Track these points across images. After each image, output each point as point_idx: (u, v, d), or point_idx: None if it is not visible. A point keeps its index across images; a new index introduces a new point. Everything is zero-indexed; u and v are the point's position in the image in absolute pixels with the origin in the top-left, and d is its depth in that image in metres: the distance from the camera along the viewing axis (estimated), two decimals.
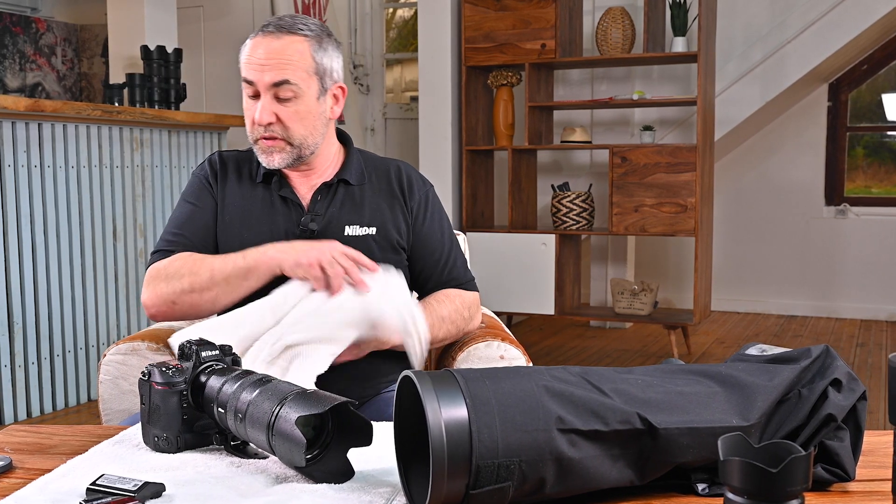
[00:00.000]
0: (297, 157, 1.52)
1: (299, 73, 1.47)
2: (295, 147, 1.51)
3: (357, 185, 1.60)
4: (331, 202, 1.57)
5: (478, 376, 0.89)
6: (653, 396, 0.92)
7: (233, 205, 1.57)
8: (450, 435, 0.83)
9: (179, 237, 1.55)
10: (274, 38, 1.48)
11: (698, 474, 0.94)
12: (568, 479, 0.88)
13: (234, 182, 1.60)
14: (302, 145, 1.51)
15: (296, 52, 1.47)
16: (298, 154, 1.52)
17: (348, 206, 1.57)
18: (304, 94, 1.48)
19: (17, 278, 3.39)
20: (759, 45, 5.14)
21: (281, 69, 1.46)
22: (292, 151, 1.51)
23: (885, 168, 5.70)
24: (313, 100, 1.50)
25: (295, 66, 1.47)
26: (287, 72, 1.46)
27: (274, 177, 1.58)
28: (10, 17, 6.03)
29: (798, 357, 0.99)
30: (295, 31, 1.49)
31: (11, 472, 1.05)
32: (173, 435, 1.09)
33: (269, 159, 1.51)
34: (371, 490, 0.95)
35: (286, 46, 1.47)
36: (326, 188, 1.58)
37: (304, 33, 1.49)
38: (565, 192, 4.72)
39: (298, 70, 1.47)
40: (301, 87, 1.48)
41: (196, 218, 1.57)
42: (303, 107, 1.49)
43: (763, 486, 0.69)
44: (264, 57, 1.47)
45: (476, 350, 1.57)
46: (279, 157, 1.51)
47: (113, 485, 0.93)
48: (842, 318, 5.53)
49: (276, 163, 1.51)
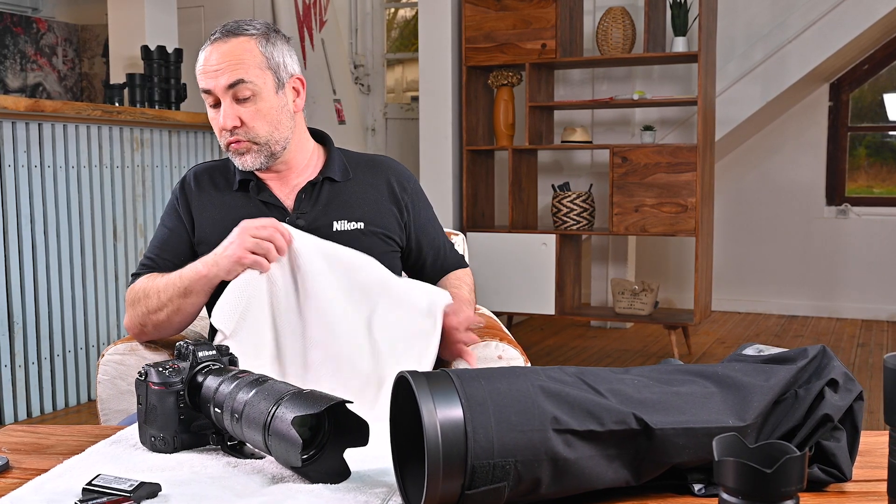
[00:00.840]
0: (268, 154, 1.53)
1: (252, 70, 1.48)
2: (262, 145, 1.51)
3: (342, 181, 1.61)
4: (316, 200, 1.58)
5: (473, 376, 0.89)
6: (649, 397, 0.92)
7: (211, 218, 1.58)
8: (445, 435, 0.83)
9: (151, 260, 1.60)
10: (222, 43, 1.49)
11: (694, 475, 0.94)
12: (563, 479, 0.88)
13: (211, 195, 1.61)
14: (269, 142, 1.52)
15: (244, 51, 1.49)
16: (269, 151, 1.53)
17: (335, 202, 1.59)
18: (261, 90, 1.49)
19: (17, 278, 3.39)
20: (760, 44, 5.14)
21: (233, 70, 1.47)
22: (261, 150, 1.52)
23: (887, 168, 5.69)
24: (272, 95, 1.51)
25: (246, 65, 1.48)
26: (239, 71, 1.47)
27: (251, 182, 1.58)
28: (11, 18, 6.03)
29: (795, 357, 0.99)
30: (240, 33, 1.50)
31: (8, 472, 1.05)
32: (170, 435, 1.09)
33: (241, 161, 1.53)
34: (367, 490, 0.95)
35: (234, 48, 1.49)
36: (311, 186, 1.59)
37: (249, 33, 1.51)
38: (566, 192, 4.72)
39: (251, 67, 1.48)
40: (257, 84, 1.49)
41: (168, 240, 1.61)
42: (263, 104, 1.50)
43: (757, 486, 0.69)
44: (215, 62, 1.48)
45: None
46: (250, 157, 1.52)
47: (109, 485, 0.93)
48: (843, 318, 5.52)
49: (248, 164, 1.52)
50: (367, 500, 0.92)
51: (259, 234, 1.40)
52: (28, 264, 3.43)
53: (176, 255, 1.59)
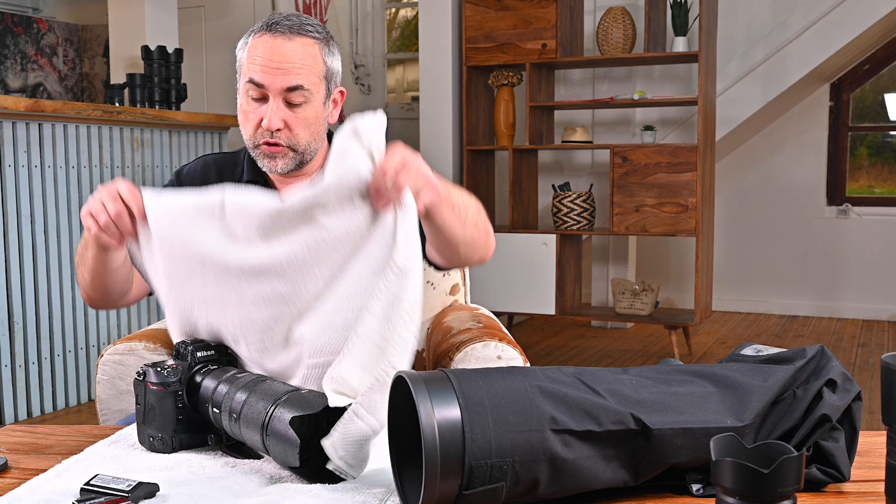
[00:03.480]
0: (299, 162, 1.47)
1: (311, 78, 1.41)
2: (298, 153, 1.45)
3: None
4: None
5: (471, 376, 0.89)
6: (647, 397, 0.92)
7: None
8: (443, 435, 0.83)
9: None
10: (285, 40, 1.40)
11: (692, 475, 0.94)
12: (561, 479, 0.88)
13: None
14: (305, 151, 1.46)
15: (308, 56, 1.41)
16: (301, 160, 1.47)
17: None
18: (313, 99, 1.43)
19: (18, 278, 3.39)
20: (761, 44, 5.14)
21: (295, 73, 1.39)
22: (295, 157, 1.45)
23: (888, 168, 5.69)
24: (320, 105, 1.45)
25: (308, 71, 1.41)
26: (301, 76, 1.40)
27: (258, 184, 1.52)
28: (12, 18, 6.04)
29: (793, 357, 0.99)
30: (305, 33, 1.42)
31: (7, 472, 1.05)
32: (168, 435, 1.09)
33: (271, 164, 1.45)
34: (365, 490, 0.95)
35: (298, 49, 1.40)
36: None
37: (313, 35, 1.43)
38: (566, 192, 4.72)
39: (311, 75, 1.41)
40: (312, 93, 1.42)
41: None
42: (311, 112, 1.44)
43: (755, 486, 0.69)
44: (277, 59, 1.39)
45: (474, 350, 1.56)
46: (282, 162, 1.45)
47: (107, 485, 0.93)
48: (843, 318, 5.52)
49: (278, 168, 1.45)
50: (365, 501, 0.92)
51: (109, 205, 1.21)
52: (28, 264, 3.43)
53: None
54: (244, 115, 1.45)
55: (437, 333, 1.77)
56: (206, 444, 1.11)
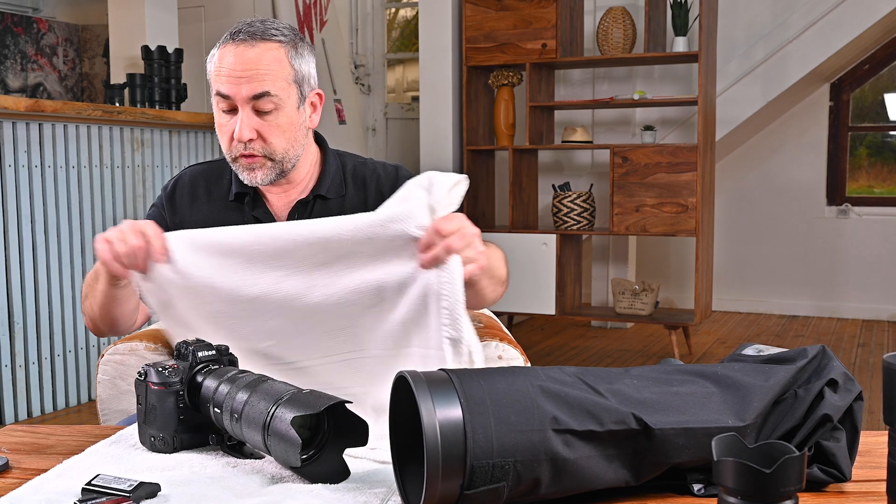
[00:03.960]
0: (279, 171, 1.42)
1: (279, 83, 1.37)
2: (277, 162, 1.40)
3: (335, 198, 1.49)
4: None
5: (472, 376, 0.89)
6: (648, 397, 0.92)
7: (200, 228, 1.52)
8: (444, 435, 0.83)
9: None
10: (248, 47, 1.36)
11: (694, 475, 0.94)
12: (563, 479, 0.88)
13: (202, 206, 1.50)
14: (284, 159, 1.41)
15: (273, 61, 1.37)
16: (281, 169, 1.42)
17: None
18: (284, 104, 1.38)
19: (18, 278, 3.39)
20: (761, 44, 5.14)
21: (260, 80, 1.35)
22: (274, 167, 1.41)
23: (887, 168, 5.69)
24: (294, 110, 1.40)
25: (274, 76, 1.36)
26: (266, 83, 1.35)
27: (247, 196, 1.48)
28: (12, 18, 6.04)
29: (794, 357, 0.99)
30: (269, 38, 1.37)
31: (8, 472, 1.05)
32: (169, 435, 1.09)
33: (251, 176, 1.41)
34: (366, 490, 0.95)
35: (262, 55, 1.36)
36: (302, 206, 1.48)
37: (278, 39, 1.38)
38: (566, 192, 4.72)
39: (278, 80, 1.37)
40: (281, 98, 1.37)
41: None
42: (284, 119, 1.39)
43: (756, 486, 0.69)
44: (240, 68, 1.35)
45: None
46: (261, 173, 1.41)
47: (108, 485, 0.93)
48: (843, 318, 5.52)
49: (258, 180, 1.41)
50: (367, 501, 0.92)
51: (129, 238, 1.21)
52: (28, 264, 3.43)
53: None
54: (219, 128, 1.43)
55: None
56: (208, 444, 1.11)
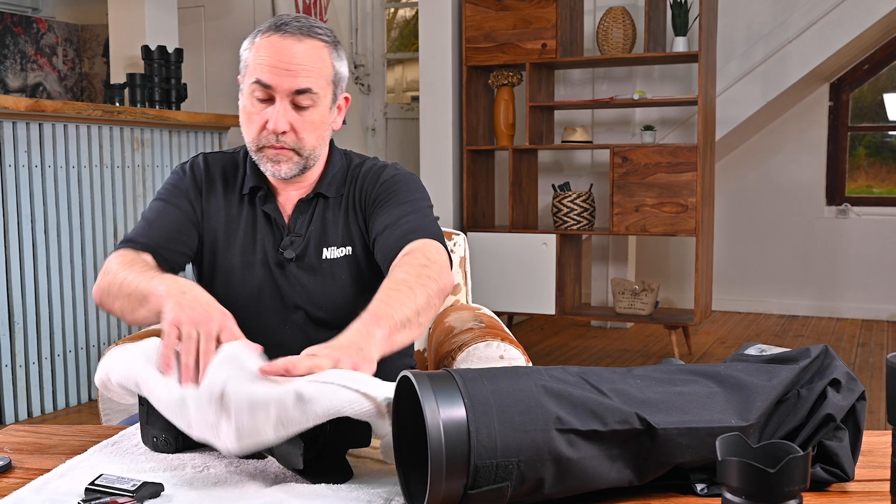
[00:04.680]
0: (303, 167, 1.43)
1: (320, 82, 1.39)
2: (303, 158, 1.41)
3: (335, 197, 1.49)
4: (310, 221, 1.47)
5: (476, 376, 0.89)
6: (651, 396, 0.92)
7: (216, 220, 1.49)
8: (448, 435, 0.83)
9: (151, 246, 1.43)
10: (295, 41, 1.37)
11: (697, 474, 0.94)
12: (566, 479, 0.88)
13: (219, 193, 1.50)
14: (310, 156, 1.42)
15: (318, 59, 1.39)
16: (305, 164, 1.43)
17: (326, 224, 1.48)
18: (320, 102, 1.40)
19: (18, 278, 3.39)
20: (761, 44, 5.14)
21: (305, 75, 1.37)
22: (300, 162, 1.42)
23: (886, 168, 5.69)
24: (327, 109, 1.42)
25: (317, 74, 1.38)
26: (311, 79, 1.37)
27: (260, 191, 1.48)
28: (12, 18, 6.03)
29: (797, 357, 0.99)
30: (315, 35, 1.39)
31: (11, 472, 1.05)
32: (172, 435, 1.09)
33: (276, 168, 1.41)
34: (369, 490, 0.95)
35: (309, 51, 1.38)
36: (305, 204, 1.48)
37: (323, 38, 1.40)
38: (566, 191, 4.72)
39: (320, 78, 1.39)
40: (320, 96, 1.39)
41: (180, 224, 1.46)
42: (317, 116, 1.40)
43: (761, 486, 0.69)
44: (287, 61, 1.36)
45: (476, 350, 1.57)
46: (286, 166, 1.41)
47: (111, 485, 0.93)
48: (843, 318, 5.52)
49: (283, 172, 1.41)
50: (370, 501, 0.92)
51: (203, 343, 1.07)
52: (28, 264, 3.43)
53: (184, 244, 1.46)
54: (248, 116, 1.42)
55: (438, 333, 1.77)
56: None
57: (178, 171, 1.52)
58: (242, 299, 1.46)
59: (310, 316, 1.48)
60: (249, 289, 1.47)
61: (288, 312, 1.48)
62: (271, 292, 1.47)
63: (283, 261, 1.47)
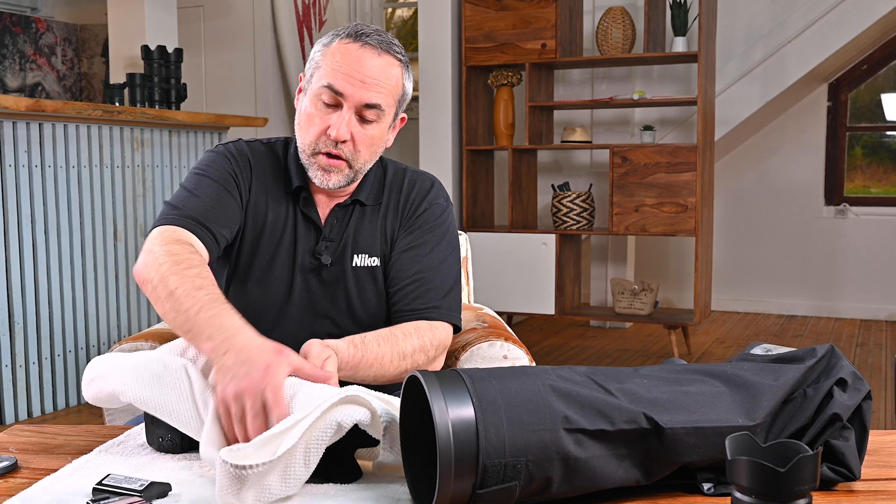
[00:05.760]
0: (351, 179, 1.41)
1: (389, 100, 1.38)
2: (353, 170, 1.40)
3: (372, 205, 1.48)
4: (346, 227, 1.45)
5: (484, 376, 0.89)
6: (659, 396, 0.92)
7: (261, 211, 1.45)
8: (457, 435, 0.83)
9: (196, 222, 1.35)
10: (375, 54, 1.36)
11: (704, 474, 0.94)
12: (574, 478, 0.88)
13: (266, 184, 1.46)
14: (360, 169, 1.41)
15: (392, 77, 1.38)
16: (353, 177, 1.41)
17: (360, 231, 1.46)
18: (384, 119, 1.39)
19: (18, 278, 3.39)
20: (760, 44, 5.15)
21: (378, 91, 1.36)
22: (350, 174, 1.39)
23: (883, 168, 5.70)
24: (387, 127, 1.41)
25: (388, 92, 1.37)
26: (382, 96, 1.36)
27: (303, 192, 1.45)
28: (10, 17, 6.03)
29: (803, 357, 0.99)
30: (392, 52, 1.38)
31: (17, 471, 1.05)
32: (177, 435, 1.09)
33: (325, 178, 1.38)
34: (378, 491, 0.95)
35: (386, 68, 1.37)
36: (342, 210, 1.46)
37: (398, 57, 1.39)
38: (566, 191, 4.73)
39: (390, 96, 1.38)
40: (385, 113, 1.38)
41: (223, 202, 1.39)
42: (378, 132, 1.39)
43: (771, 485, 0.70)
44: (363, 73, 1.35)
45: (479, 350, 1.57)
46: (336, 178, 1.38)
47: (119, 484, 0.93)
48: (842, 317, 5.53)
49: (331, 183, 1.39)
50: (378, 501, 0.92)
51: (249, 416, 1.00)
52: (28, 264, 3.43)
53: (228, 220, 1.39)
54: (308, 118, 1.38)
55: None
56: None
57: (219, 150, 1.46)
58: (276, 300, 1.44)
59: (336, 323, 1.45)
60: (283, 289, 1.44)
61: (315, 318, 1.45)
62: (302, 296, 1.45)
63: (318, 266, 1.44)
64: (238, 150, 1.46)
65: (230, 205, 1.40)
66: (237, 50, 5.88)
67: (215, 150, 1.47)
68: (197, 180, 1.41)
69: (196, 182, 1.41)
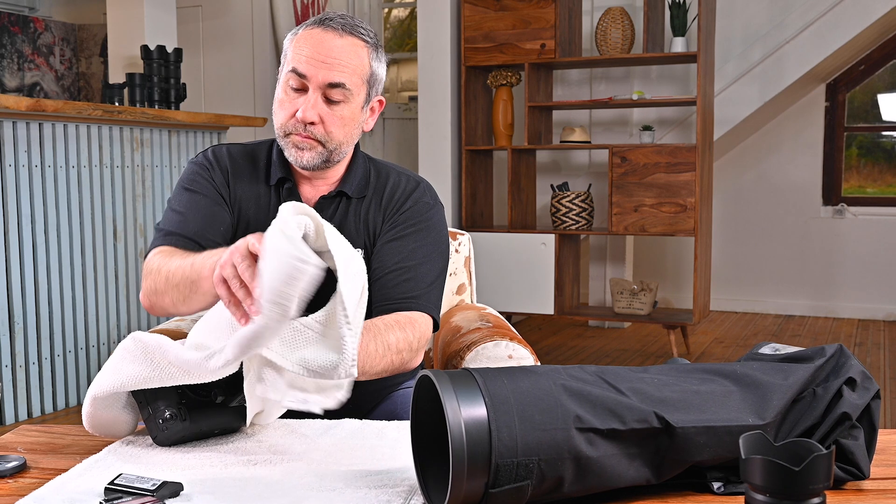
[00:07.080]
0: (326, 158, 1.45)
1: (354, 79, 1.42)
2: (327, 150, 1.44)
3: (357, 198, 1.51)
4: (330, 218, 1.48)
5: (496, 375, 0.89)
6: (669, 395, 0.93)
7: (247, 206, 1.50)
8: (469, 434, 0.83)
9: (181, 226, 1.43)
10: (336, 36, 1.41)
11: (714, 473, 0.94)
12: (586, 477, 0.88)
13: (247, 180, 1.51)
14: (335, 150, 1.45)
15: (356, 56, 1.42)
16: (328, 157, 1.45)
17: (344, 223, 1.49)
18: (352, 99, 1.43)
19: (18, 278, 3.38)
20: (758, 45, 5.16)
21: (339, 70, 1.40)
22: (323, 153, 1.44)
23: (878, 168, 5.71)
24: (358, 108, 1.45)
25: (352, 70, 1.41)
26: (344, 74, 1.40)
27: (286, 183, 1.49)
28: (9, 17, 6.02)
29: (812, 356, 1.00)
30: (357, 34, 1.42)
31: (26, 471, 1.05)
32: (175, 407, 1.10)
33: (298, 155, 1.43)
34: (389, 489, 0.95)
35: (347, 47, 1.41)
36: (327, 201, 1.50)
37: (364, 38, 1.43)
38: (565, 191, 4.73)
39: (354, 75, 1.42)
40: (352, 93, 1.42)
41: (212, 213, 1.46)
42: (347, 112, 1.43)
43: (785, 484, 0.70)
44: (325, 54, 1.40)
45: (484, 350, 1.57)
46: (309, 154, 1.43)
47: (131, 484, 0.93)
48: (840, 317, 5.54)
49: (305, 160, 1.43)
50: (389, 500, 0.92)
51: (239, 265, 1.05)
52: (28, 264, 3.42)
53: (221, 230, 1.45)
54: (279, 103, 1.44)
55: (445, 333, 1.77)
56: (214, 403, 1.13)
57: (199, 160, 1.52)
58: None
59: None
60: None
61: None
62: None
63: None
64: (215, 156, 1.52)
65: (220, 215, 1.47)
66: (236, 50, 5.88)
67: (195, 161, 1.52)
68: (184, 198, 1.47)
69: (185, 200, 1.47)
